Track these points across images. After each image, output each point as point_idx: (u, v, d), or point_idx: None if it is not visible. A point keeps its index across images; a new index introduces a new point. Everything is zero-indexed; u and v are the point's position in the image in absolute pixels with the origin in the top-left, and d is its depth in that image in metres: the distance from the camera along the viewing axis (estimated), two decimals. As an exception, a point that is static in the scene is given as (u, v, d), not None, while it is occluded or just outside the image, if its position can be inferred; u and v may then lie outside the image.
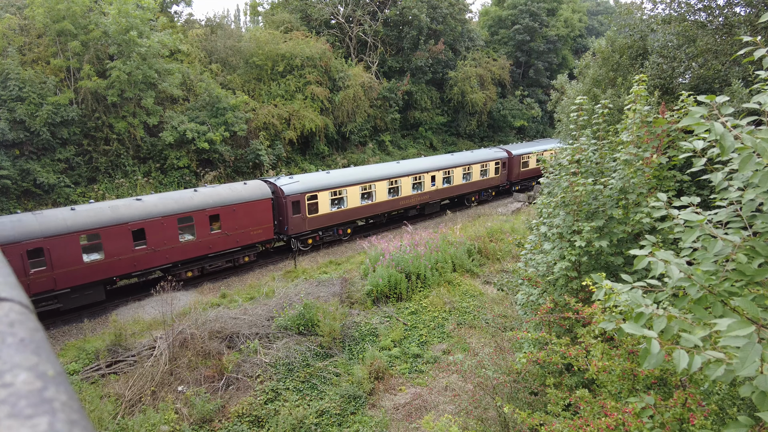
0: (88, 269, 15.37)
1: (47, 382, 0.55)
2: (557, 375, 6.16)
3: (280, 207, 20.33)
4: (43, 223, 14.51)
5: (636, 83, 6.96)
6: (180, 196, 17.92)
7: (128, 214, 16.21)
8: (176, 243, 17.30)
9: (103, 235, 15.57)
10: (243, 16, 45.03)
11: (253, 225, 19.34)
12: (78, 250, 15.05)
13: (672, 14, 13.82)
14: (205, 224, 17.91)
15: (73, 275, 15.06)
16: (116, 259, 15.98)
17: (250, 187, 19.62)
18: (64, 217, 15.00)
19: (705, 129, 2.66)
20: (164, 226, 16.87)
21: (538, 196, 8.11)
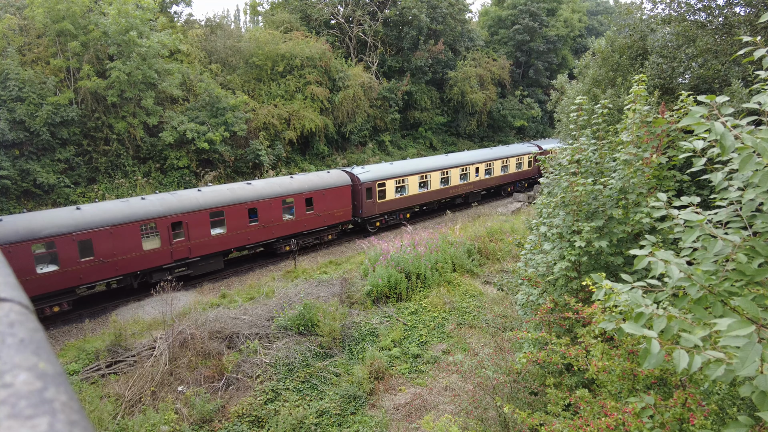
0: (214, 241, 18.20)
1: (47, 383, 0.55)
2: (557, 375, 6.16)
3: (356, 193, 23.16)
4: (181, 200, 17.31)
5: (636, 83, 6.96)
6: (281, 181, 21.04)
7: (244, 195, 18.99)
8: (280, 221, 20.21)
9: (226, 212, 18.33)
10: (243, 16, 45.07)
11: (336, 207, 22.33)
12: (207, 224, 17.85)
13: (672, 14, 13.82)
14: (302, 206, 20.89)
15: (202, 246, 17.89)
16: (235, 233, 18.77)
17: (333, 175, 22.66)
18: (195, 197, 17.78)
19: (705, 129, 2.66)
20: (272, 206, 19.82)
21: (538, 196, 8.11)
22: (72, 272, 14.91)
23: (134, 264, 16.35)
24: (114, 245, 15.70)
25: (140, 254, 16.33)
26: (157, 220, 16.53)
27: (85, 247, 15.12)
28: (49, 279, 14.49)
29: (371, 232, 24.11)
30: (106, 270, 15.72)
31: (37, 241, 14.15)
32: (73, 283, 15.04)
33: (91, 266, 15.29)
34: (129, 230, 15.92)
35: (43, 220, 14.59)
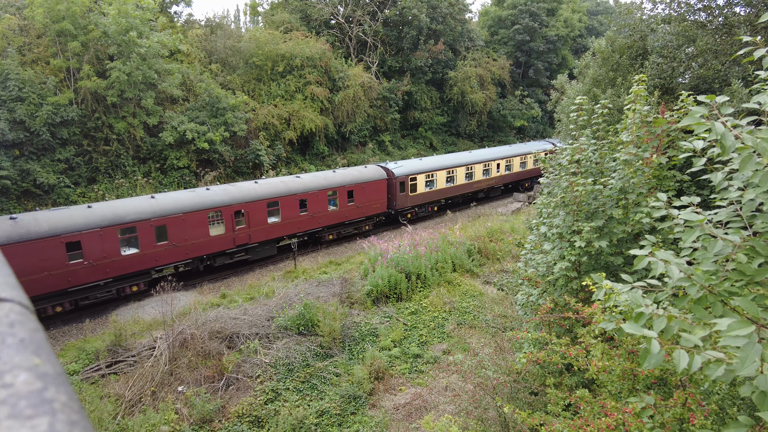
0: (270, 228, 19.75)
1: (47, 383, 0.55)
2: (557, 375, 6.16)
3: (391, 186, 24.81)
4: (242, 191, 18.93)
5: (636, 83, 6.96)
6: (326, 174, 22.65)
7: (295, 187, 20.63)
8: (326, 211, 21.82)
9: (281, 202, 19.96)
10: (243, 17, 45.04)
11: (374, 200, 23.95)
12: (264, 213, 19.40)
13: (672, 14, 13.82)
14: (344, 197, 22.47)
15: (260, 233, 19.41)
16: (288, 221, 20.39)
17: (371, 170, 24.27)
18: (254, 188, 19.32)
19: (705, 129, 2.66)
20: (319, 197, 21.34)
21: (538, 196, 8.11)
22: (149, 255, 16.59)
23: (202, 248, 17.95)
24: (185, 231, 17.27)
25: (207, 240, 17.94)
26: (222, 208, 18.13)
27: (161, 232, 16.71)
28: (131, 260, 16.17)
29: (402, 222, 25.94)
30: (177, 253, 17.31)
31: (122, 225, 15.78)
32: (150, 264, 16.70)
33: (165, 250, 16.94)
34: (198, 217, 17.52)
35: (126, 208, 16.22)
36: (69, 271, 14.82)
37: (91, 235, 15.05)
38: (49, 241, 14.29)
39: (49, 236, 14.29)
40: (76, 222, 15.01)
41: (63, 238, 14.57)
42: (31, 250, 13.98)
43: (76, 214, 15.28)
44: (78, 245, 14.92)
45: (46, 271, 14.34)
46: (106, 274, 15.68)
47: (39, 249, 14.13)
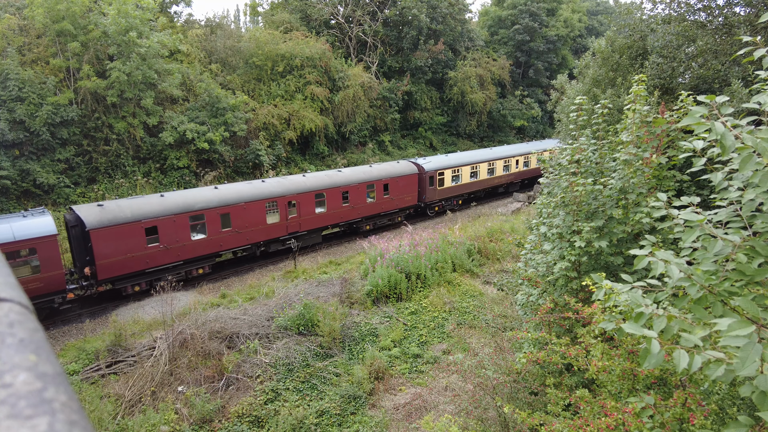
0: (317, 218, 21.49)
1: (47, 383, 0.55)
2: (557, 375, 6.16)
3: (421, 180, 26.45)
4: (293, 183, 20.74)
5: (636, 83, 6.96)
6: (365, 169, 24.41)
7: (338, 181, 22.33)
8: (365, 203, 23.42)
9: (327, 194, 21.60)
10: (243, 17, 45.04)
11: (406, 193, 25.57)
12: (313, 203, 21.13)
13: (672, 14, 13.82)
14: (381, 190, 24.10)
15: (309, 221, 21.15)
16: (332, 212, 22.05)
17: (403, 165, 26.06)
18: (303, 181, 21.21)
19: (705, 129, 2.66)
20: (359, 190, 22.97)
21: (538, 196, 8.11)
22: (215, 240, 18.16)
23: (260, 235, 19.52)
24: (246, 218, 18.85)
25: (264, 227, 19.56)
26: (277, 198, 19.79)
27: (225, 220, 18.29)
28: (199, 245, 17.79)
29: (430, 215, 27.85)
30: (239, 239, 18.87)
31: (192, 213, 17.30)
32: (215, 249, 18.30)
33: (229, 235, 18.53)
34: (257, 206, 19.10)
35: (194, 197, 17.85)
36: (147, 254, 16.42)
37: (166, 221, 16.69)
38: (132, 225, 15.90)
39: (131, 221, 15.89)
40: (152, 209, 16.57)
41: (143, 223, 16.14)
42: (117, 233, 15.58)
43: (153, 202, 16.88)
44: (155, 230, 16.47)
45: (129, 253, 15.94)
46: (178, 257, 17.29)
47: (123, 233, 15.73)
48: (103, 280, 15.59)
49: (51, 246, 14.30)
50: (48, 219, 14.63)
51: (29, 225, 14.20)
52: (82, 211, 15.40)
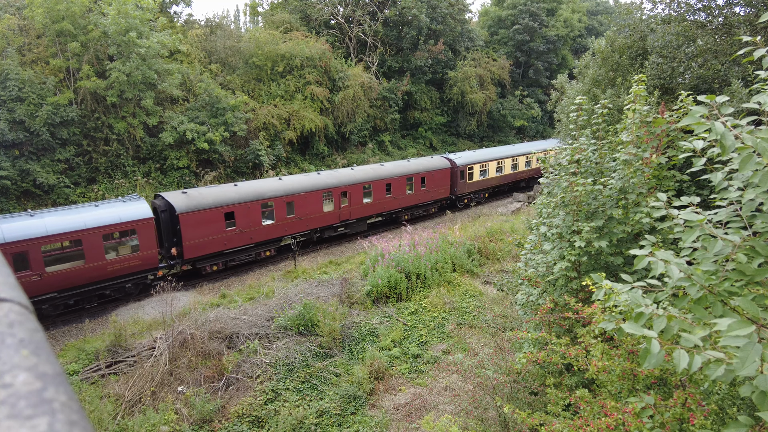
0: (364, 208, 23.49)
1: (47, 383, 0.55)
2: (557, 375, 6.16)
3: (453, 174, 28.43)
4: (345, 175, 22.77)
5: (635, 83, 6.96)
6: (404, 163, 26.59)
7: (382, 173, 24.43)
8: (405, 194, 25.46)
9: (373, 186, 23.69)
10: (243, 17, 45.04)
11: (440, 186, 27.64)
12: (361, 194, 23.14)
13: (672, 14, 13.82)
14: (418, 183, 26.16)
15: (357, 211, 23.16)
16: (377, 202, 24.12)
17: (437, 160, 28.06)
18: (352, 173, 23.24)
19: (705, 129, 2.66)
20: (399, 182, 25.03)
21: (538, 196, 8.11)
22: (281, 225, 20.14)
23: (317, 222, 21.62)
24: (307, 206, 20.87)
25: (321, 214, 21.57)
26: (332, 189, 21.82)
27: (290, 207, 20.28)
28: (268, 229, 19.71)
29: (460, 207, 29.84)
30: (301, 225, 20.94)
31: (263, 200, 19.18)
32: (280, 234, 20.22)
33: (292, 222, 20.54)
34: (316, 196, 21.14)
35: (264, 186, 19.87)
36: (225, 236, 18.31)
37: (242, 207, 18.59)
38: (213, 211, 17.79)
39: (213, 207, 17.80)
40: (230, 196, 18.45)
41: (222, 209, 18.04)
42: (201, 217, 17.40)
43: (230, 191, 18.75)
44: (232, 215, 18.36)
45: (210, 235, 17.76)
46: (251, 240, 19.19)
47: (206, 217, 17.58)
48: (188, 259, 17.56)
49: (148, 228, 16.21)
50: (145, 204, 16.56)
51: (130, 209, 16.04)
52: (171, 198, 17.23)
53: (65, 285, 14.78)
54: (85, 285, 15.23)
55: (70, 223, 14.68)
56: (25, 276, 13.88)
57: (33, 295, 14.23)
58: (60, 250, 14.77)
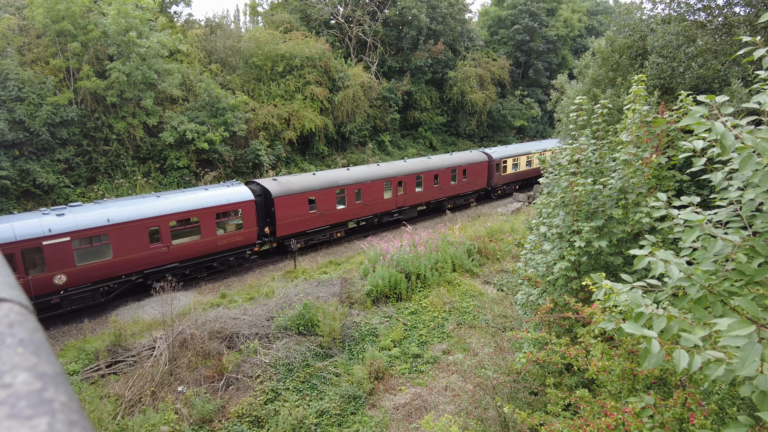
0: (416, 196, 26.20)
1: (47, 383, 0.55)
2: (557, 375, 6.16)
3: (489, 167, 30.88)
4: (400, 167, 25.52)
5: (635, 83, 6.96)
6: (447, 156, 29.21)
7: (431, 165, 26.92)
8: (449, 185, 28.15)
9: (423, 176, 26.09)
10: (242, 17, 45.01)
11: (479, 178, 30.28)
12: (414, 184, 25.76)
13: (671, 14, 13.82)
14: (461, 175, 28.74)
15: (411, 198, 25.96)
16: (426, 191, 26.62)
17: (475, 154, 30.83)
18: (406, 165, 26.03)
19: (705, 129, 2.66)
20: (445, 174, 27.74)
21: (538, 196, 8.11)
22: (351, 209, 22.95)
23: (379, 207, 24.23)
24: (371, 194, 23.51)
25: (382, 201, 24.22)
26: (391, 178, 24.50)
27: (358, 194, 23.04)
28: (341, 213, 22.50)
29: (493, 198, 32.49)
30: (365, 210, 23.57)
31: (337, 187, 22.07)
32: (350, 217, 23.04)
33: (359, 207, 23.24)
34: (378, 184, 23.78)
35: (337, 175, 22.62)
36: (308, 218, 21.07)
37: (321, 192, 21.35)
38: (300, 195, 20.56)
39: (299, 192, 20.51)
40: (312, 183, 21.24)
41: (307, 194, 20.78)
42: (290, 201, 20.15)
43: (311, 178, 21.61)
44: (314, 200, 21.10)
45: (297, 216, 20.46)
46: (327, 222, 21.96)
47: (294, 201, 20.29)
48: (279, 237, 20.29)
49: (250, 208, 18.80)
50: (246, 188, 19.10)
51: (235, 192, 18.65)
52: (265, 183, 20.09)
53: (185, 257, 17.39)
54: (199, 257, 17.89)
55: (190, 203, 17.18)
56: (157, 248, 16.50)
57: (161, 264, 16.84)
58: (182, 226, 17.14)
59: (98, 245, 15.21)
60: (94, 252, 15.19)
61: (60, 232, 14.38)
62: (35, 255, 14.12)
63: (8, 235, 13.62)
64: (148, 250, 16.22)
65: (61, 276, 14.58)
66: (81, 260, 14.88)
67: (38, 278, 14.16)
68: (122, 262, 15.79)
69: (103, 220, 15.27)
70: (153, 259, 16.48)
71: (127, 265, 15.96)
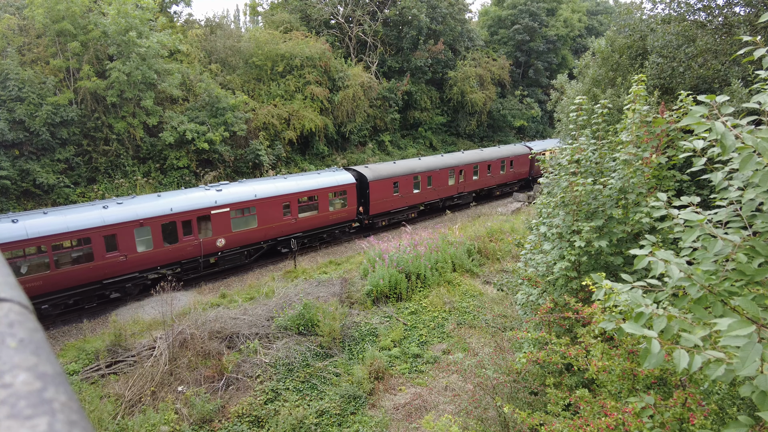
0: (473, 183, 30.18)
1: (47, 383, 0.55)
2: (557, 375, 6.16)
3: (531, 160, 34.03)
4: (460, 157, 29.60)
5: (635, 83, 6.96)
6: (497, 149, 33.15)
7: (485, 157, 31.05)
8: (499, 174, 32.12)
9: (479, 166, 30.34)
10: (242, 16, 44.99)
11: (521, 168, 33.99)
12: (471, 173, 29.68)
13: (672, 14, 13.83)
14: (508, 166, 32.68)
15: (468, 185, 29.85)
16: (480, 179, 30.72)
17: (519, 147, 34.49)
18: (463, 156, 29.83)
19: (705, 128, 2.66)
20: (496, 164, 31.49)
21: (538, 196, 8.11)
22: (423, 193, 26.92)
23: (444, 192, 28.20)
24: (439, 180, 27.52)
25: (447, 187, 28.23)
26: (454, 167, 28.38)
27: (429, 180, 26.94)
28: (415, 197, 26.44)
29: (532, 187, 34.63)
30: (434, 195, 27.55)
31: (413, 174, 25.98)
32: (421, 200, 27.05)
33: (429, 191, 27.21)
34: (444, 172, 27.77)
35: (413, 164, 26.74)
36: (392, 199, 24.98)
37: (402, 178, 25.24)
38: (387, 180, 24.57)
39: (387, 177, 24.56)
40: (395, 170, 25.20)
41: (392, 179, 24.78)
42: (380, 185, 24.19)
43: (393, 166, 25.64)
44: (397, 185, 24.99)
45: (384, 198, 24.55)
46: (406, 203, 25.85)
47: (383, 185, 24.35)
48: (372, 215, 24.38)
49: (353, 190, 22.97)
50: (349, 174, 23.28)
51: (341, 177, 22.81)
52: (360, 170, 24.24)
53: (307, 228, 21.45)
54: (316, 228, 21.97)
55: (312, 184, 21.38)
56: (288, 219, 20.46)
57: (289, 233, 20.70)
58: (306, 202, 21.19)
59: (247, 216, 19.13)
60: (245, 221, 19.06)
61: (222, 203, 18.18)
62: (206, 222, 18.01)
63: (188, 204, 17.41)
64: (281, 221, 20.25)
65: (221, 239, 18.42)
66: (235, 227, 18.72)
67: (206, 240, 17.98)
68: (263, 230, 19.72)
69: (252, 195, 19.15)
70: (284, 229, 20.55)
71: (267, 233, 19.93)
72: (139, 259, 16.28)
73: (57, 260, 14.60)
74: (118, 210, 15.94)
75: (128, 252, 15.94)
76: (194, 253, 17.74)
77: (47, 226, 14.42)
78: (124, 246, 15.84)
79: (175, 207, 17.00)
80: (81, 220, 15.02)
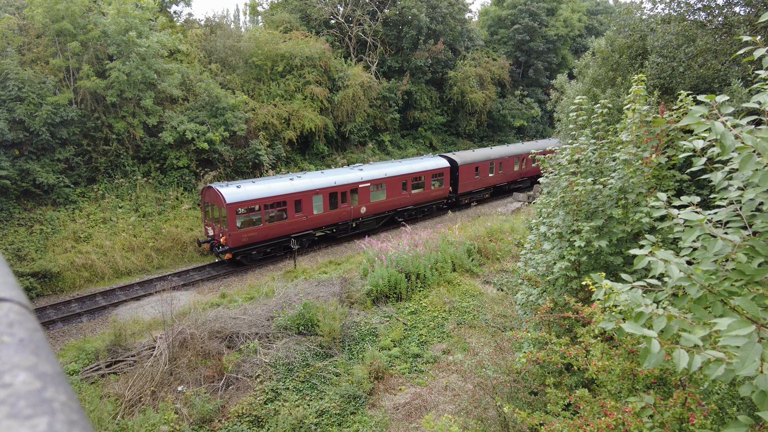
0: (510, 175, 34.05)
1: (46, 383, 0.55)
2: (557, 375, 6.16)
3: None
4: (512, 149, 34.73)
5: (635, 83, 6.96)
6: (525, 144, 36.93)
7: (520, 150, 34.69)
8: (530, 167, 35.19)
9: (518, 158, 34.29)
10: (242, 16, 45.00)
11: None
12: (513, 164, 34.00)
13: (671, 14, 13.83)
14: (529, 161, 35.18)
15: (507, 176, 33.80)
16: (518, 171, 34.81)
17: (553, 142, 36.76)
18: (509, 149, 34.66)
19: (705, 128, 2.66)
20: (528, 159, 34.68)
21: (538, 196, 8.11)
22: (495, 177, 32.60)
23: (510, 177, 33.94)
24: (507, 166, 32.97)
25: (513, 172, 34.11)
26: (517, 156, 34.07)
27: (500, 166, 32.55)
28: (491, 179, 32.07)
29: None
30: (502, 178, 33.13)
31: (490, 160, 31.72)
32: (495, 182, 32.76)
33: (500, 176, 32.78)
34: (511, 160, 33.45)
35: (489, 152, 32.34)
36: (474, 182, 30.55)
37: (481, 164, 30.80)
38: (470, 165, 30.04)
39: (470, 163, 29.95)
40: (476, 157, 30.63)
41: (474, 164, 30.25)
42: (466, 169, 29.65)
43: (474, 154, 31.16)
44: (478, 169, 30.58)
45: (468, 180, 29.91)
46: (484, 185, 31.42)
47: (468, 169, 29.85)
48: (459, 194, 29.76)
49: (447, 173, 28.34)
50: (444, 159, 28.61)
51: (439, 162, 28.17)
52: (452, 156, 29.43)
53: (416, 202, 27.02)
54: (421, 203, 27.43)
55: (420, 167, 26.88)
56: (405, 194, 26.07)
57: (404, 206, 26.39)
58: (416, 181, 26.59)
59: (380, 190, 24.61)
60: (378, 194, 24.58)
61: (365, 180, 23.86)
62: (354, 193, 23.45)
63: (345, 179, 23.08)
64: (401, 195, 25.76)
65: (364, 207, 24.01)
66: (372, 198, 24.29)
67: (354, 208, 23.60)
68: (390, 202, 25.39)
69: (383, 174, 24.76)
70: (402, 202, 26.05)
71: (392, 204, 25.54)
72: (315, 219, 21.81)
73: (266, 217, 19.81)
74: (301, 182, 21.43)
75: (308, 213, 21.42)
76: (346, 217, 23.39)
77: (259, 192, 19.68)
78: (306, 208, 21.31)
79: (338, 180, 22.59)
80: (279, 188, 20.41)
